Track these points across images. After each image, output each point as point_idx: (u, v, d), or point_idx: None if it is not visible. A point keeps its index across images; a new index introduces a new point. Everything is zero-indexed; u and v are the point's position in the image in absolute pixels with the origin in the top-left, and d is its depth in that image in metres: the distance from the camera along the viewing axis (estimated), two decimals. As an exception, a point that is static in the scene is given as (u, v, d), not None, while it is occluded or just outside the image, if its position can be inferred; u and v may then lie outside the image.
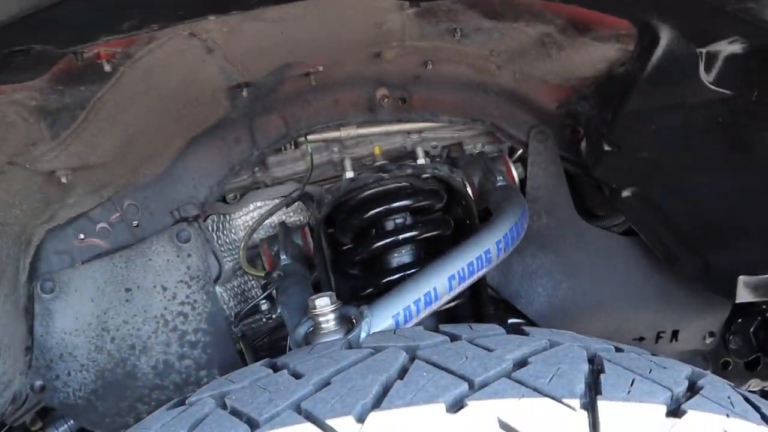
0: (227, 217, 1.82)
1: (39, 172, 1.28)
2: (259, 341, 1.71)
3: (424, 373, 0.87)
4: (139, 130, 1.35)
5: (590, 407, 0.77)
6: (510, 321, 1.76)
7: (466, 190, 1.59)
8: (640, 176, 1.47)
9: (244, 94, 1.42)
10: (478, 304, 1.65)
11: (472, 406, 0.78)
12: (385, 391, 0.85)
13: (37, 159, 1.23)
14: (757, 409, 0.86)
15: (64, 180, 1.31)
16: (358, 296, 1.58)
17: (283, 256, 1.67)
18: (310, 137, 1.72)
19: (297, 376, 0.95)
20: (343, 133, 1.74)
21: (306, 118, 1.64)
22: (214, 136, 1.58)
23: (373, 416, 0.78)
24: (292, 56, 1.38)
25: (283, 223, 1.79)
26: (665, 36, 1.07)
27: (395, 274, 1.53)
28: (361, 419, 0.78)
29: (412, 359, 0.94)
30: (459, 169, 1.71)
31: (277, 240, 1.74)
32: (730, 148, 1.28)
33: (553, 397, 0.79)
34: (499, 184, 1.65)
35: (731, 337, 1.79)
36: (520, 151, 1.80)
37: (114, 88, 1.18)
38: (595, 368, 0.92)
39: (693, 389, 0.87)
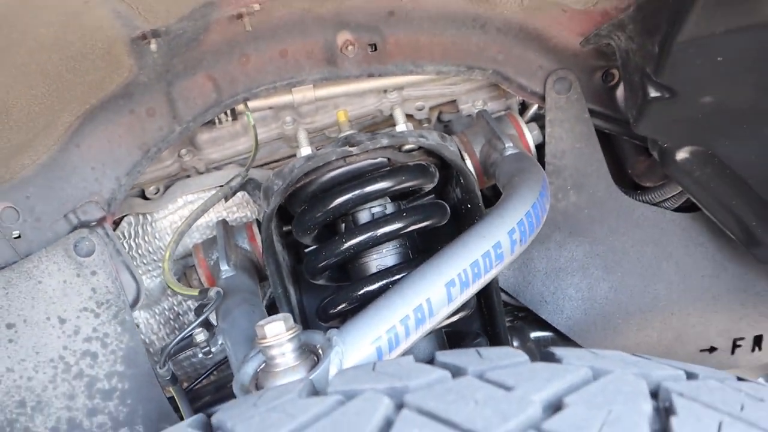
0: (149, 218, 1.71)
1: None
2: (196, 385, 1.57)
3: (416, 430, 0.74)
4: (8, 103, 1.20)
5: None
6: (534, 335, 1.66)
7: (465, 164, 1.48)
8: (702, 130, 1.35)
9: (153, 47, 1.28)
10: (491, 317, 1.55)
11: (488, 481, 0.64)
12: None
13: None
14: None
15: None
16: (328, 315, 1.46)
17: (224, 266, 1.54)
18: (251, 104, 1.61)
19: (232, 444, 0.81)
20: (296, 96, 1.63)
21: (243, 77, 1.51)
22: (117, 107, 1.44)
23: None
24: (212, -12, 1.24)
25: (222, 222, 1.66)
26: None
27: (376, 283, 1.42)
28: None
29: (398, 407, 0.81)
30: (456, 135, 1.62)
31: (216, 244, 1.61)
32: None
33: (606, 461, 0.66)
34: (509, 152, 1.53)
35: (829, 339, 1.68)
36: (535, 108, 1.71)
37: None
38: (662, 407, 0.79)
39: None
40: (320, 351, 1.14)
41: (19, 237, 1.42)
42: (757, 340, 1.67)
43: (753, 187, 1.42)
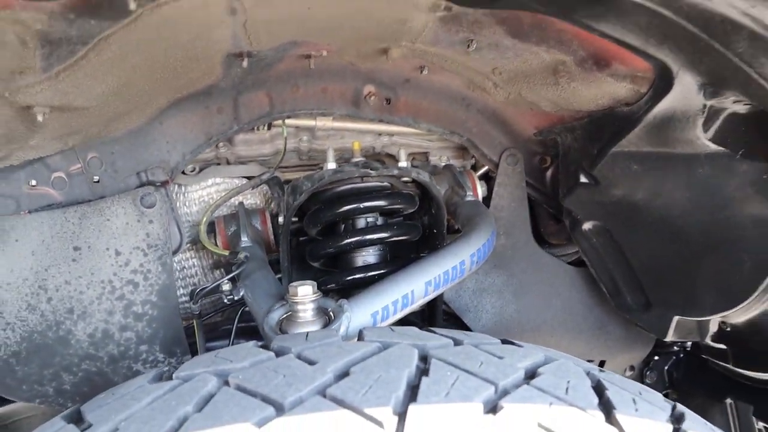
0: (183, 188, 1.73)
1: (15, 103, 1.14)
2: (206, 319, 1.61)
3: (448, 373, 0.86)
4: (132, 81, 1.24)
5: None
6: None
7: (442, 200, 1.59)
8: (607, 212, 1.53)
9: (245, 64, 1.34)
10: (431, 314, 1.67)
11: (509, 408, 0.78)
12: (413, 386, 0.82)
13: (20, 89, 1.09)
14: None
15: (39, 118, 1.17)
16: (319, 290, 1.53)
17: (244, 238, 1.60)
18: (287, 121, 1.67)
19: (308, 362, 0.90)
20: (318, 122, 1.70)
21: (292, 101, 1.59)
22: (198, 101, 1.49)
23: (413, 409, 0.76)
24: (304, 34, 1.33)
25: (242, 204, 1.71)
26: (680, 83, 1.13)
27: (360, 273, 1.51)
28: (399, 411, 0.75)
29: (423, 358, 0.93)
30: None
31: (234, 220, 1.67)
32: (699, 201, 1.36)
33: (578, 406, 0.80)
34: (469, 198, 1.66)
35: (648, 372, 1.91)
36: (484, 169, 1.83)
37: (125, 29, 1.07)
38: (595, 384, 0.94)
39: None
40: (331, 313, 1.23)
41: (98, 181, 1.44)
42: (601, 364, 1.86)
43: (627, 258, 1.61)
